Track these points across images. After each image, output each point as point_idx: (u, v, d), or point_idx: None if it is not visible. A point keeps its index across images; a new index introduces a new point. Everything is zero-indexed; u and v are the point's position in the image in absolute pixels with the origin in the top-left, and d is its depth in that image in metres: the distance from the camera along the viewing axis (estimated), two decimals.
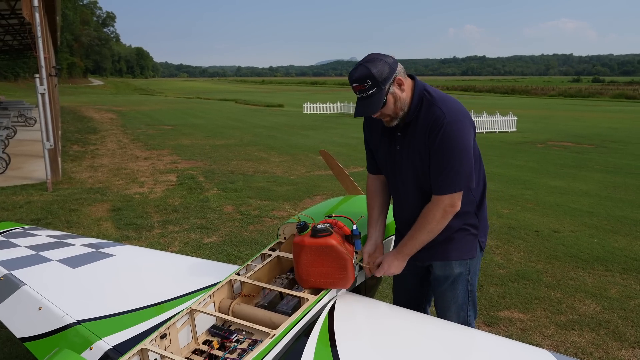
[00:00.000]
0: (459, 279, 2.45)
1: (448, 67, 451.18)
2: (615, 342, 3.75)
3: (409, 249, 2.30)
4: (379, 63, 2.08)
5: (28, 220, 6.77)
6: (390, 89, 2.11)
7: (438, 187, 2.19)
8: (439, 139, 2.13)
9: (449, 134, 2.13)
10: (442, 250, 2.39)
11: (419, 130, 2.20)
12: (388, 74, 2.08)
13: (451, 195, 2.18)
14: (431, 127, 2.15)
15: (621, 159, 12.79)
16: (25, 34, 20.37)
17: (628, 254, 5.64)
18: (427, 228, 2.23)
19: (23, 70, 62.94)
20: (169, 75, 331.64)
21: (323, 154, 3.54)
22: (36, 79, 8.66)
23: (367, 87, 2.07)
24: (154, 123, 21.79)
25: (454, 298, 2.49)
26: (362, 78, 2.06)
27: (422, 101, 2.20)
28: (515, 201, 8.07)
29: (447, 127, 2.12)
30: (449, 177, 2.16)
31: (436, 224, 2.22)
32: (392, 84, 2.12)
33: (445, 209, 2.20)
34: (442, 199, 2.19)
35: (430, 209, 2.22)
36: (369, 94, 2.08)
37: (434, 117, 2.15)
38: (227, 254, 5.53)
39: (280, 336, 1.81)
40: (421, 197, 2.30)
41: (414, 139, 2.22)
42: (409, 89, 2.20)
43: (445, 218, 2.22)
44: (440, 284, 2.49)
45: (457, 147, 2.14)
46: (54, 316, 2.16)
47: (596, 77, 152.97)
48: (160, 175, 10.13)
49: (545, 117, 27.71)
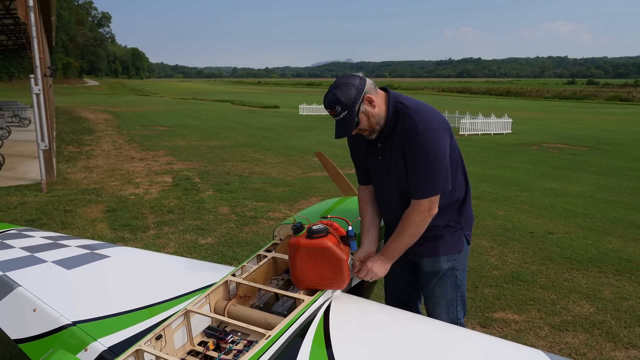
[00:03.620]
0: (447, 274, 2.53)
1: (444, 69, 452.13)
2: (609, 342, 3.77)
3: (392, 252, 2.39)
4: (344, 88, 2.20)
5: (22, 221, 6.74)
6: (360, 108, 2.23)
7: (416, 193, 2.29)
8: (414, 148, 2.25)
9: (423, 142, 2.23)
10: (431, 247, 2.48)
11: (396, 140, 2.32)
12: (355, 96, 2.20)
13: (429, 199, 2.28)
14: (406, 137, 2.26)
15: (615, 161, 12.86)
16: (20, 34, 20.28)
17: (622, 255, 5.68)
18: (408, 232, 2.33)
19: (17, 70, 62.68)
20: (165, 76, 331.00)
21: (319, 156, 3.55)
22: (31, 79, 8.63)
23: (338, 112, 2.20)
24: (150, 124, 21.75)
25: (443, 293, 2.56)
26: (332, 104, 2.21)
27: (398, 112, 2.30)
28: (510, 203, 8.10)
29: (420, 135, 2.23)
30: (425, 182, 2.26)
31: (416, 227, 2.32)
32: (362, 103, 2.23)
33: (424, 213, 2.30)
34: (421, 203, 2.29)
35: (410, 213, 2.32)
36: (341, 117, 2.21)
37: (408, 127, 2.26)
38: (222, 255, 5.53)
39: (275, 337, 1.81)
40: (402, 202, 2.41)
41: (392, 149, 2.34)
42: (382, 103, 2.31)
43: (424, 221, 2.32)
44: (429, 280, 2.57)
45: (432, 154, 2.25)
46: (48, 317, 2.15)
47: (591, 80, 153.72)
48: (156, 176, 10.11)
49: (540, 119, 27.84)
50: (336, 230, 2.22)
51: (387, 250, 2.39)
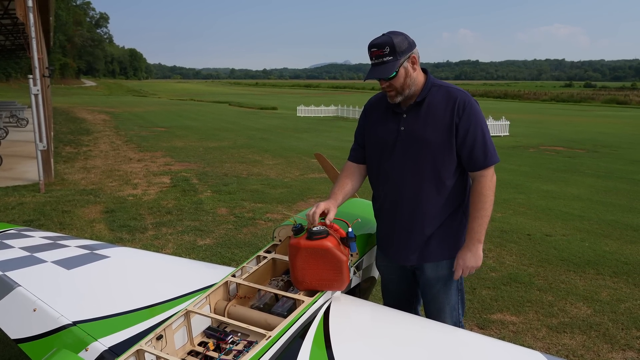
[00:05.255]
0: (450, 279, 2.46)
1: (442, 71, 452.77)
2: (606, 344, 3.79)
3: (479, 232, 2.32)
4: (400, 36, 2.21)
5: (20, 222, 6.73)
6: (404, 62, 2.22)
7: (483, 160, 2.29)
8: (472, 115, 2.27)
9: (477, 111, 2.29)
10: (433, 251, 2.41)
11: (436, 109, 2.29)
12: (406, 48, 2.21)
13: (493, 166, 2.31)
14: (457, 105, 2.26)
15: (612, 163, 12.91)
16: (18, 34, 20.24)
17: (619, 257, 5.70)
18: (488, 202, 2.31)
19: (15, 70, 62.56)
20: (163, 77, 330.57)
21: (318, 157, 3.56)
22: (30, 79, 8.61)
23: (384, 54, 2.18)
24: (147, 125, 21.73)
25: (447, 299, 2.50)
26: (383, 44, 2.18)
27: (433, 86, 2.32)
28: (507, 205, 8.13)
29: (474, 104, 2.29)
30: (488, 149, 2.29)
31: (493, 195, 2.32)
32: (407, 59, 2.23)
33: (493, 179, 2.33)
34: (490, 171, 2.31)
35: (482, 184, 2.30)
36: (384, 60, 2.19)
37: (456, 96, 2.28)
38: (221, 257, 5.53)
39: (275, 338, 1.82)
40: (413, 181, 2.34)
41: (428, 118, 2.29)
42: (420, 73, 2.32)
43: (494, 189, 2.33)
44: (432, 286, 2.50)
45: (485, 123, 2.33)
46: (49, 317, 2.16)
47: (588, 83, 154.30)
48: (154, 177, 10.10)
49: (537, 121, 27.91)
50: (336, 231, 2.23)
51: (473, 233, 2.32)
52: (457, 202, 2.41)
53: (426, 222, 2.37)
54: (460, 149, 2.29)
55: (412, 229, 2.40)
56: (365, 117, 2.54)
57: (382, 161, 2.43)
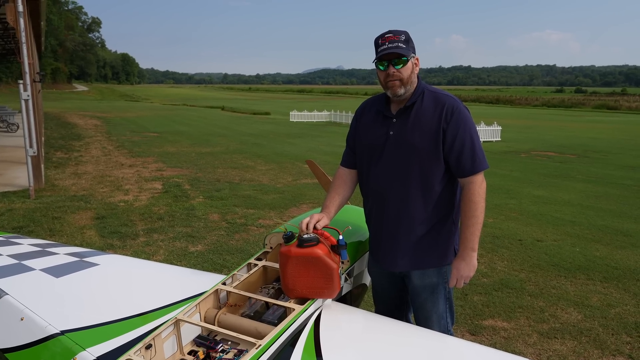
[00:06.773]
0: (438, 288, 2.46)
1: (434, 77, 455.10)
2: (597, 350, 3.81)
3: (472, 241, 2.29)
4: (411, 38, 2.30)
5: (10, 229, 6.66)
6: (412, 58, 2.29)
7: (471, 166, 2.27)
8: (459, 121, 2.27)
9: (466, 117, 2.29)
10: (421, 258, 2.40)
11: (425, 114, 2.29)
12: (414, 48, 2.30)
13: (482, 172, 2.30)
14: (445, 111, 2.27)
15: (603, 169, 13.02)
16: (9, 39, 20.11)
17: (609, 262, 5.74)
18: (479, 209, 2.28)
19: (5, 75, 62.14)
20: (155, 82, 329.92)
21: (309, 164, 3.56)
22: (20, 85, 8.56)
23: (400, 40, 2.24)
24: (139, 130, 21.65)
25: (435, 307, 2.49)
26: (399, 31, 2.26)
27: (424, 91, 2.34)
28: (499, 210, 8.17)
29: (463, 110, 2.29)
30: (477, 155, 2.27)
31: (483, 201, 2.29)
32: (414, 57, 2.30)
33: (482, 186, 2.30)
34: (479, 177, 2.29)
35: (472, 190, 2.28)
36: (399, 45, 2.23)
37: (445, 102, 2.29)
38: (212, 263, 5.51)
39: (266, 346, 1.81)
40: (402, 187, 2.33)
41: (416, 123, 2.30)
42: (416, 77, 2.36)
43: (484, 196, 2.30)
44: (419, 294, 2.49)
45: (474, 128, 2.33)
46: (36, 326, 2.13)
47: (579, 88, 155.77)
48: (146, 183, 10.05)
49: (529, 127, 28.12)
50: (327, 239, 2.23)
51: (466, 241, 2.29)
52: (445, 209, 2.39)
53: (412, 227, 2.36)
54: (448, 154, 2.29)
55: (398, 234, 2.39)
56: (357, 121, 2.55)
57: (371, 165, 2.43)
